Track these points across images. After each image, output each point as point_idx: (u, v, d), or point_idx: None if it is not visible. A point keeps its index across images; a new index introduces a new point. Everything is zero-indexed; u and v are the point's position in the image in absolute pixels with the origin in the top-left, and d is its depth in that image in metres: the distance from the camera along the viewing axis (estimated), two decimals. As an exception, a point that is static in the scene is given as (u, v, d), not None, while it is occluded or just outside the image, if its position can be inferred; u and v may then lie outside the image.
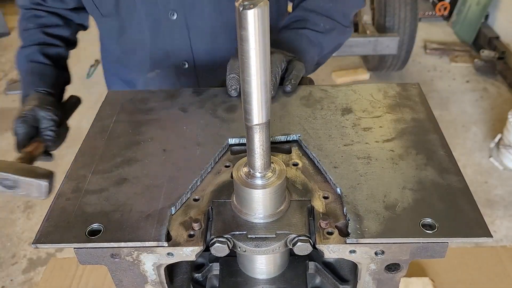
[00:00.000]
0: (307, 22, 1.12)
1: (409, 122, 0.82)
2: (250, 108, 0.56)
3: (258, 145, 0.59)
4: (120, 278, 0.67)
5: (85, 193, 0.69)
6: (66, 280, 1.22)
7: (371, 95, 0.89)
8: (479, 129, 3.66)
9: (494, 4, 4.75)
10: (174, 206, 0.66)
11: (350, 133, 0.80)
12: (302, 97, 0.90)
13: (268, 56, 0.52)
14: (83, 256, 0.63)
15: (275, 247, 0.62)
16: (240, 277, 0.76)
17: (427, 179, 0.69)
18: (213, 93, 0.92)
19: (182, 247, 0.61)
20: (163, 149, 0.77)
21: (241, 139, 0.79)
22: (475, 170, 3.25)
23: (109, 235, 0.61)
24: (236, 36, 0.51)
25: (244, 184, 0.62)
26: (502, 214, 2.89)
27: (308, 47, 1.08)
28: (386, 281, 0.68)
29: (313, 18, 1.12)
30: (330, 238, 0.62)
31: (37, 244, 0.61)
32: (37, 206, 3.07)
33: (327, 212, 0.65)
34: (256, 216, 0.64)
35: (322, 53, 1.14)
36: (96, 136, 0.81)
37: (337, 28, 1.15)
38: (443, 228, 0.60)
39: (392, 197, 0.66)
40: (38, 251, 2.76)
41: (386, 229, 0.61)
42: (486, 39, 4.66)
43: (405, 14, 3.93)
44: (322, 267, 0.77)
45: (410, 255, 0.63)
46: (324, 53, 1.15)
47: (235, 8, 0.48)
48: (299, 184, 0.70)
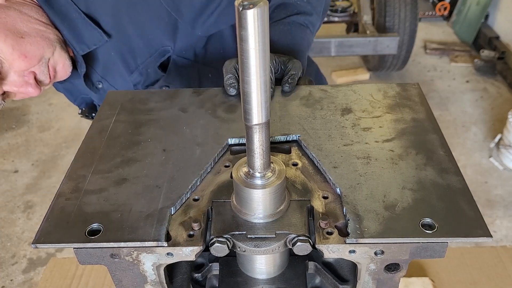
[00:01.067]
0: (287, 6, 1.11)
1: (409, 122, 0.82)
2: (250, 108, 0.56)
3: (258, 145, 0.59)
4: (119, 278, 0.67)
5: (85, 193, 0.69)
6: (66, 280, 1.22)
7: (371, 95, 0.89)
8: (479, 129, 3.66)
9: (494, 4, 4.75)
10: (174, 206, 0.66)
11: (349, 133, 0.80)
12: (301, 97, 0.90)
13: (267, 56, 0.52)
14: (83, 256, 0.63)
15: (275, 247, 0.62)
16: (239, 277, 0.76)
17: (426, 179, 0.69)
18: (213, 93, 0.92)
19: (182, 247, 0.61)
20: (163, 149, 0.77)
21: (240, 139, 0.79)
22: (475, 170, 3.25)
23: (108, 235, 0.61)
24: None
25: (243, 184, 0.62)
26: (502, 214, 2.89)
27: (300, 36, 1.08)
28: (385, 281, 0.68)
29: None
30: (330, 238, 0.62)
31: (36, 244, 0.61)
32: (37, 206, 3.08)
33: (326, 212, 0.65)
34: (255, 216, 0.64)
35: (314, 29, 1.14)
36: (96, 136, 0.81)
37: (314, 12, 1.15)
38: (442, 228, 0.60)
39: (391, 197, 0.66)
40: (38, 251, 2.77)
41: (386, 229, 0.61)
42: (486, 39, 4.67)
43: (405, 14, 3.93)
44: (322, 267, 0.77)
45: (410, 255, 0.63)
46: (316, 28, 1.15)
47: (235, 8, 0.48)
48: (298, 184, 0.70)
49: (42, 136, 3.76)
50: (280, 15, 1.12)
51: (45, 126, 3.88)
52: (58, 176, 3.30)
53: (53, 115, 4.02)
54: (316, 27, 1.17)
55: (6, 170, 3.42)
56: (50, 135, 3.76)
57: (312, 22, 1.14)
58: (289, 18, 1.11)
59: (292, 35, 1.08)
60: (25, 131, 3.83)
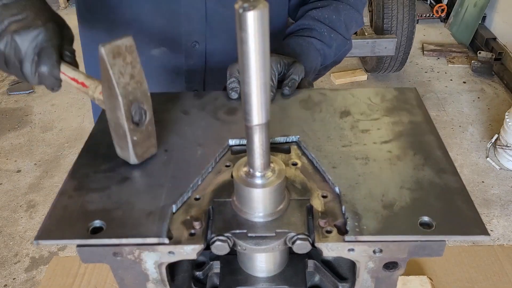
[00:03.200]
0: (313, 31, 1.14)
1: (406, 124, 0.83)
2: (250, 109, 0.56)
3: (258, 145, 0.60)
4: (122, 277, 0.68)
5: (88, 191, 0.70)
6: (69, 278, 1.22)
7: (369, 98, 0.91)
8: (476, 130, 3.68)
9: (491, 5, 4.77)
10: (175, 204, 0.67)
11: (348, 135, 0.81)
12: (301, 100, 0.92)
13: (267, 58, 0.53)
14: (86, 255, 0.64)
15: (275, 246, 0.63)
16: (240, 275, 0.77)
17: (424, 179, 0.70)
18: (214, 96, 0.93)
19: (183, 246, 0.62)
20: (164, 150, 0.78)
21: (241, 140, 0.80)
22: (472, 170, 3.27)
23: (111, 232, 0.62)
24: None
25: (244, 183, 0.63)
26: (499, 213, 2.91)
27: (312, 53, 1.09)
28: (384, 279, 0.69)
29: (319, 27, 1.14)
30: (329, 236, 0.63)
31: (38, 240, 0.62)
32: (39, 206, 3.08)
33: (326, 211, 0.66)
34: (256, 215, 0.65)
35: (324, 63, 1.16)
36: (99, 137, 0.82)
37: (339, 40, 1.18)
38: (440, 227, 0.61)
39: (390, 196, 0.67)
40: (40, 250, 2.77)
41: (385, 227, 0.62)
42: (483, 41, 4.69)
43: (403, 16, 3.95)
44: (321, 265, 0.78)
45: (408, 253, 0.64)
46: (326, 63, 1.17)
47: (235, 10, 0.49)
48: (298, 184, 0.71)
49: (45, 136, 3.76)
50: (302, 33, 1.14)
51: (47, 126, 3.89)
52: (60, 176, 3.31)
53: (56, 115, 4.03)
54: (327, 61, 1.18)
55: (8, 170, 3.42)
56: (52, 135, 3.76)
57: (326, 54, 1.15)
58: (310, 38, 1.12)
59: (305, 48, 1.09)
60: (28, 131, 3.84)
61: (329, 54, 1.16)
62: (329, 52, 1.16)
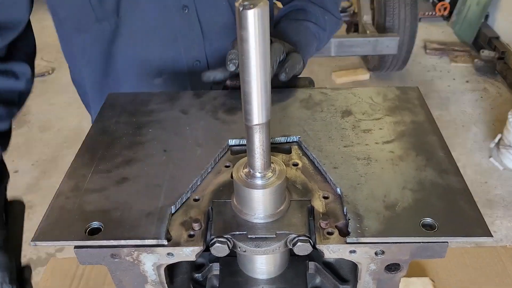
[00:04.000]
0: (307, 13, 1.13)
1: (409, 124, 0.82)
2: (250, 108, 0.56)
3: (258, 145, 0.59)
4: (120, 279, 0.67)
5: (85, 192, 0.69)
6: (66, 280, 1.22)
7: (371, 98, 0.90)
8: (479, 129, 3.66)
9: (494, 4, 4.75)
10: (174, 205, 0.66)
11: (350, 135, 0.80)
12: (302, 99, 0.91)
13: (268, 56, 0.52)
14: (83, 256, 0.63)
15: (275, 247, 0.62)
16: (240, 277, 0.76)
17: (426, 179, 0.69)
18: (213, 96, 0.93)
19: (182, 247, 0.61)
20: (163, 150, 0.78)
21: (241, 140, 0.79)
22: (475, 170, 3.25)
23: (108, 233, 0.62)
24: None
25: (244, 184, 0.62)
26: (502, 214, 2.90)
27: (309, 37, 1.08)
28: (386, 281, 0.68)
29: (311, 8, 1.13)
30: (330, 238, 0.62)
31: (36, 241, 0.61)
32: (37, 206, 3.07)
33: (327, 212, 0.66)
34: (256, 216, 0.64)
35: (319, 47, 1.16)
36: (96, 137, 0.81)
37: (333, 22, 1.17)
38: (443, 228, 0.60)
39: (392, 197, 0.66)
40: (38, 251, 2.77)
41: (387, 228, 0.61)
42: (486, 39, 4.67)
43: (405, 14, 3.94)
44: (322, 267, 0.78)
45: (410, 255, 0.63)
46: (320, 47, 1.17)
47: (235, 8, 0.49)
48: (299, 184, 0.71)
49: (43, 136, 3.75)
50: (297, 16, 1.13)
51: (45, 126, 3.88)
52: (58, 176, 3.29)
53: (54, 115, 4.02)
54: (321, 45, 1.17)
55: (6, 170, 3.42)
56: (50, 135, 3.75)
57: (321, 38, 1.15)
58: (306, 22, 1.11)
59: (303, 35, 1.08)
60: (26, 131, 3.83)
61: (323, 37, 1.15)
62: (323, 36, 1.15)
